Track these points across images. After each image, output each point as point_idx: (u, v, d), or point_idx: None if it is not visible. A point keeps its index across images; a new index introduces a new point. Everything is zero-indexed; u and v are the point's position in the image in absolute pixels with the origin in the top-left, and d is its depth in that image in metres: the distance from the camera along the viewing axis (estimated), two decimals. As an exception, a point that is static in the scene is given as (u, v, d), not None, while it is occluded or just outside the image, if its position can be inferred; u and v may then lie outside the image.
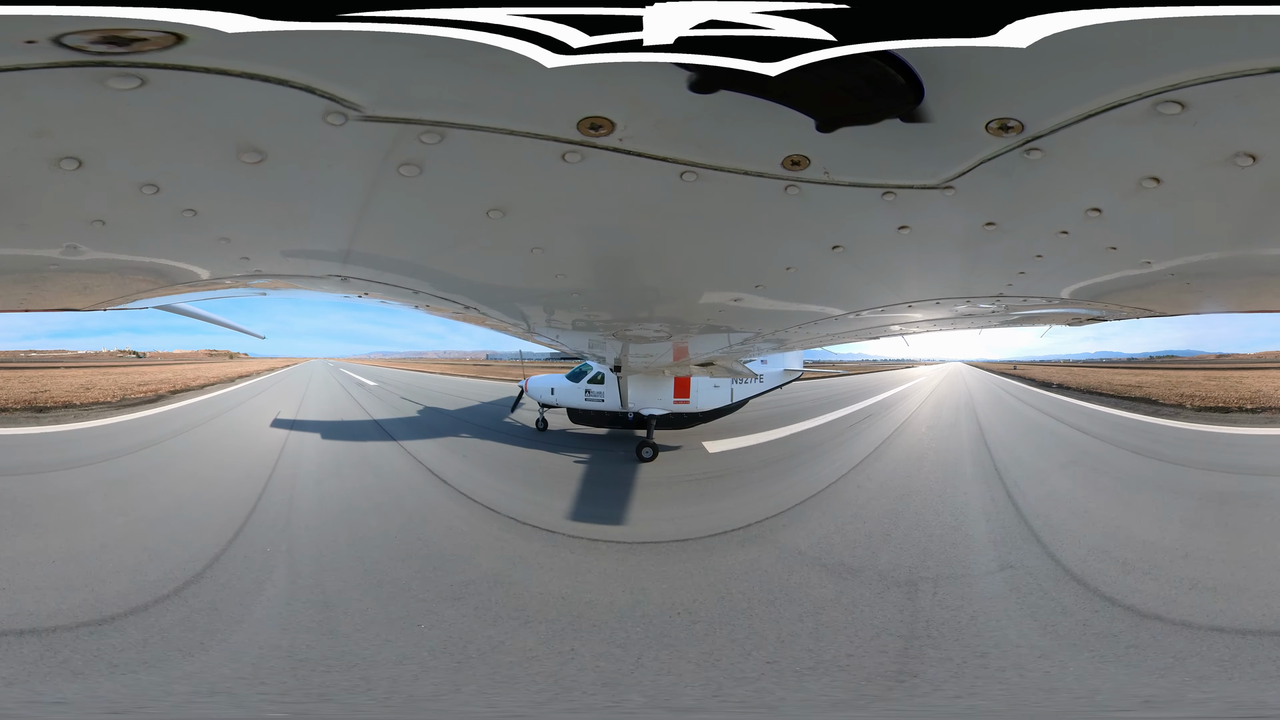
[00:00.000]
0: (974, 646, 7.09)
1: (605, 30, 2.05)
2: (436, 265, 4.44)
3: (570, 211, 3.31)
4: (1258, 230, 3.32)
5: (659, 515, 11.34)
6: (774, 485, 13.22)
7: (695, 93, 2.22)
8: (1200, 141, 2.51)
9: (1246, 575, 8.61)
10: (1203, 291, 4.70)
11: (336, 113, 2.38)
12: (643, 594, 8.39)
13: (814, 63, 2.04)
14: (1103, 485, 13.16)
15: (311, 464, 14.57)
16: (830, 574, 8.97)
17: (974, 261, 4.11)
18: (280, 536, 9.98)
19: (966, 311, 5.84)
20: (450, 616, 7.69)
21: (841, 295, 5.22)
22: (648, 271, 4.62)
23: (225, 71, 2.17)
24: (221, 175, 2.78)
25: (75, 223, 3.22)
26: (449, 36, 2.06)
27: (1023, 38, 1.99)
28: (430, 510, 11.53)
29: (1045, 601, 8.13)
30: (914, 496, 12.39)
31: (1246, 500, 11.49)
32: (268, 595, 8.07)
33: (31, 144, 2.48)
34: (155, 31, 1.98)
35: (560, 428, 17.47)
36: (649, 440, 14.95)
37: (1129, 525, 10.66)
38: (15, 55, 2.03)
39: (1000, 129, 2.47)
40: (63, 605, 7.48)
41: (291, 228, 3.54)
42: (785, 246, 3.83)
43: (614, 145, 2.63)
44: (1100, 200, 3.04)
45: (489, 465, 14.93)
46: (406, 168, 2.78)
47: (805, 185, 2.92)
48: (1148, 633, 7.36)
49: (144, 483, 12.58)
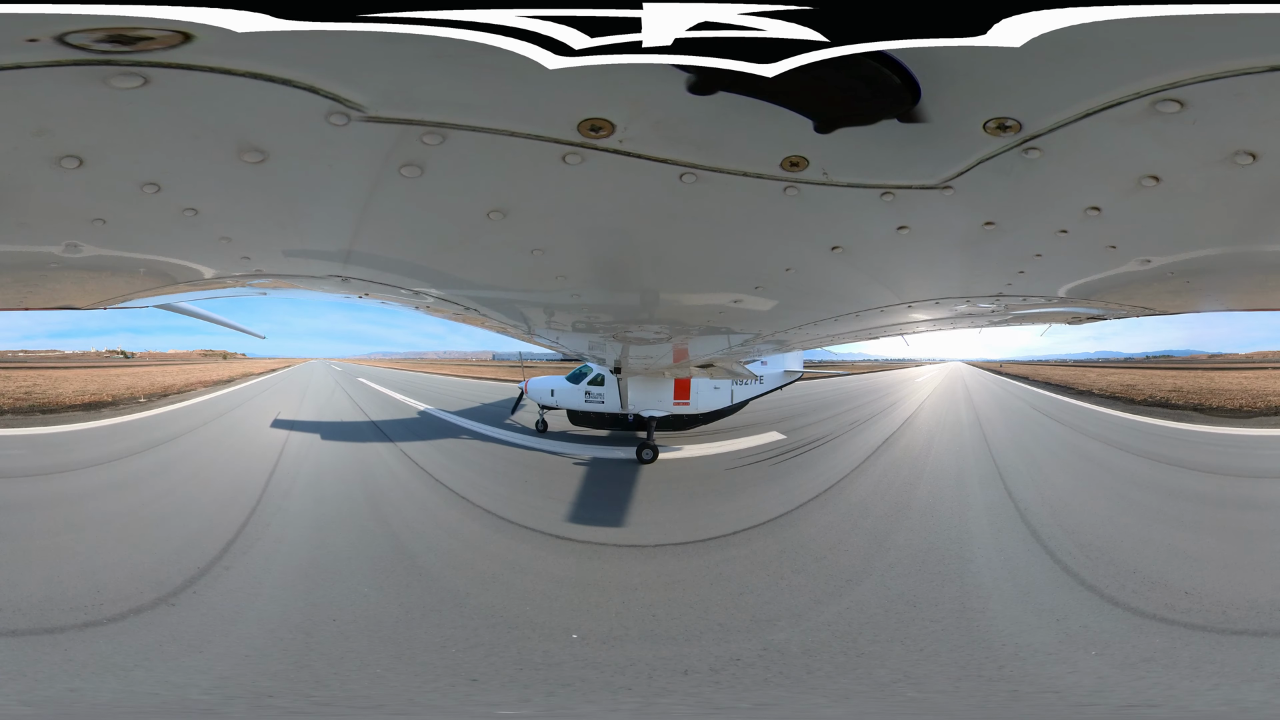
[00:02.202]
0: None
1: (605, 32, 2.06)
2: (437, 266, 4.44)
3: (570, 213, 3.32)
4: (1257, 228, 3.32)
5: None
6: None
7: (694, 94, 2.23)
8: (1199, 140, 2.51)
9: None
10: (1202, 290, 4.71)
11: (339, 113, 2.38)
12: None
13: (811, 64, 2.05)
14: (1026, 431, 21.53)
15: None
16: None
17: (973, 261, 4.11)
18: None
19: (966, 311, 5.84)
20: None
21: (841, 296, 5.22)
22: (648, 273, 4.62)
23: (229, 71, 2.17)
24: (223, 175, 2.78)
25: (76, 221, 3.23)
26: (451, 37, 2.07)
27: (1014, 37, 2.00)
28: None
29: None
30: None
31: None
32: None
33: (32, 142, 2.49)
34: (163, 30, 1.98)
35: (560, 429, 17.47)
36: (649, 442, 14.95)
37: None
38: (17, 53, 2.03)
39: (998, 128, 2.47)
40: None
41: (293, 228, 3.54)
42: (784, 247, 3.84)
43: (614, 147, 2.64)
44: (1099, 199, 3.04)
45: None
46: (408, 168, 2.78)
47: (804, 186, 2.93)
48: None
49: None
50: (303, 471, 13.92)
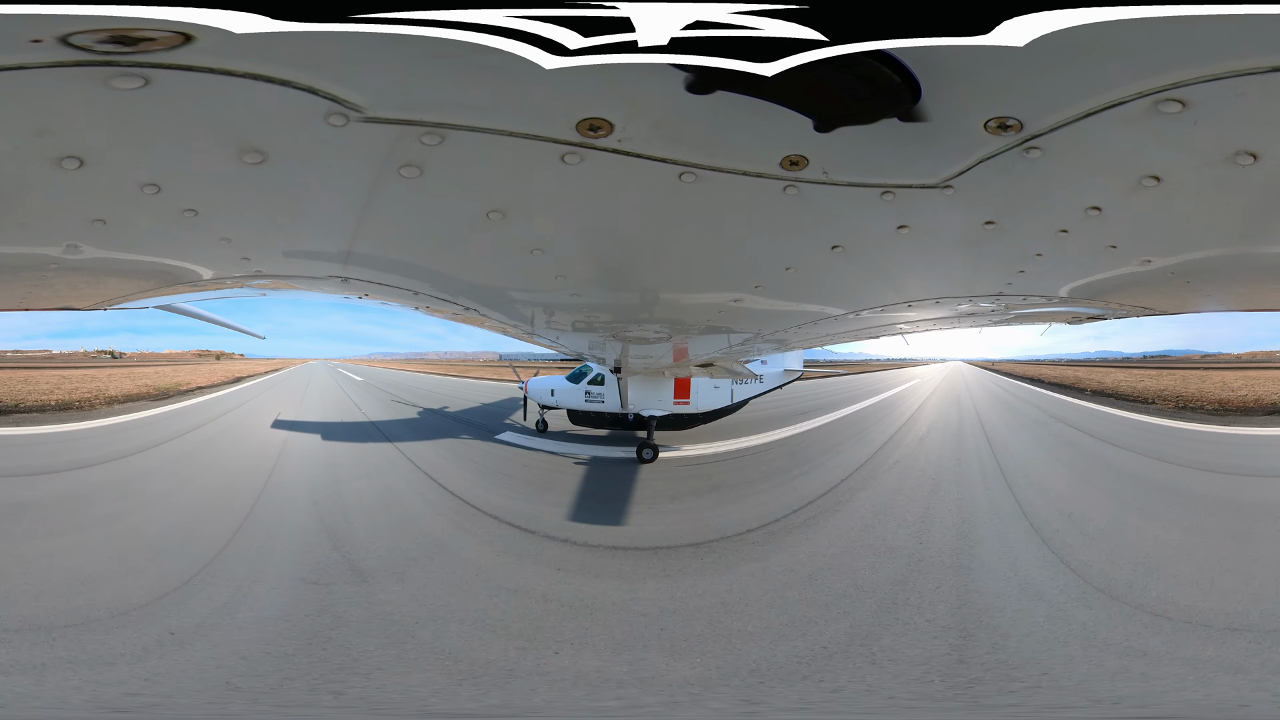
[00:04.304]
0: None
1: (603, 32, 2.06)
2: (437, 266, 4.44)
3: (570, 212, 3.31)
4: (1258, 229, 3.32)
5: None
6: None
7: (693, 94, 2.23)
8: (1201, 140, 2.51)
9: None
10: (1203, 290, 4.70)
11: (338, 114, 2.38)
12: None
13: (810, 63, 2.05)
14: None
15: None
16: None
17: (974, 260, 4.11)
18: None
19: (967, 310, 5.84)
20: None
21: (841, 295, 5.22)
22: (647, 272, 4.62)
23: (229, 72, 2.17)
24: (223, 175, 2.78)
25: (76, 222, 3.22)
26: (450, 38, 2.06)
27: (1019, 36, 1.99)
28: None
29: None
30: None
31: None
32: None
33: (33, 143, 2.49)
34: (164, 31, 1.98)
35: (560, 429, 17.48)
36: (649, 441, 14.96)
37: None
38: (20, 54, 2.03)
39: (999, 128, 2.47)
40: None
41: (292, 228, 3.54)
42: (784, 246, 3.84)
43: (613, 146, 2.63)
44: (1100, 199, 3.04)
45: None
46: (407, 169, 2.78)
47: (804, 185, 2.93)
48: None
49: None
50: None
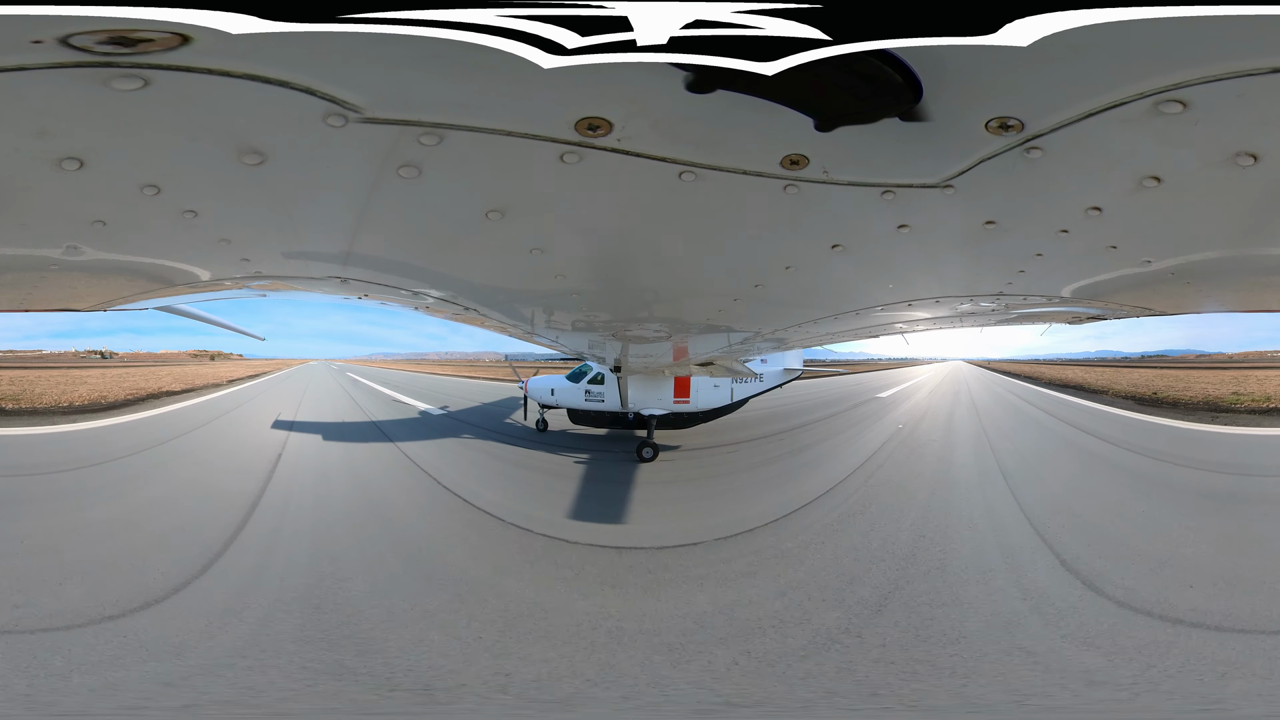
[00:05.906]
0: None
1: (602, 31, 2.05)
2: (436, 266, 4.44)
3: (569, 212, 3.31)
4: (1259, 230, 3.31)
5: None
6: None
7: (692, 92, 2.22)
8: (1201, 141, 2.50)
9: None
10: (1203, 290, 4.70)
11: (337, 114, 2.38)
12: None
13: (811, 62, 2.04)
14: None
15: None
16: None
17: (974, 260, 4.10)
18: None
19: (967, 310, 5.84)
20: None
21: (841, 294, 5.22)
22: (647, 271, 4.62)
23: (227, 73, 2.17)
24: (222, 176, 2.78)
25: (76, 223, 3.22)
26: (448, 38, 2.06)
27: (1023, 37, 1.98)
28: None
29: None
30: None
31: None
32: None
33: (33, 144, 2.49)
34: (162, 32, 1.98)
35: (560, 428, 17.47)
36: (649, 440, 14.95)
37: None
38: (21, 55, 2.03)
39: (1000, 128, 2.46)
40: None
41: (291, 229, 3.54)
42: (785, 246, 3.83)
43: (612, 145, 2.63)
44: (1101, 199, 3.03)
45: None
46: (406, 169, 2.78)
47: (804, 184, 2.92)
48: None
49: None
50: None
